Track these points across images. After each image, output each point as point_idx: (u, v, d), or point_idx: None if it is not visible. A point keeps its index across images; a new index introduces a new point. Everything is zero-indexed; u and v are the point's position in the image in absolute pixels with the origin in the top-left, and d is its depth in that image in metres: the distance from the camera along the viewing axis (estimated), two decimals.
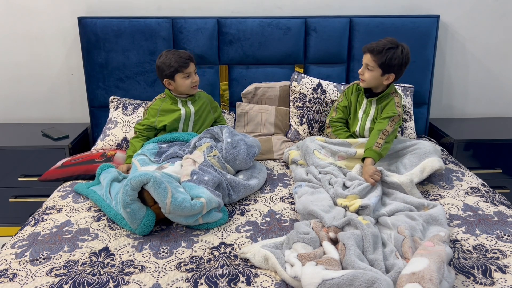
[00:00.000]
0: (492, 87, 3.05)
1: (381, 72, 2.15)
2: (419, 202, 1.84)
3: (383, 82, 2.20)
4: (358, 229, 1.59)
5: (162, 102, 2.36)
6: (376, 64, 2.14)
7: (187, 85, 2.27)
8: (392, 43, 2.13)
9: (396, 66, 2.13)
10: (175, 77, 2.25)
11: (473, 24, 2.90)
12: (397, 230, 1.64)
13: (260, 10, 2.83)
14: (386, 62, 2.11)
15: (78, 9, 2.78)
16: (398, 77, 2.21)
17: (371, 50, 2.14)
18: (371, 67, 2.15)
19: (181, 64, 2.22)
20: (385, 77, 2.18)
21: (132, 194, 1.69)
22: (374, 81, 2.19)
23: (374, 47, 2.13)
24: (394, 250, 1.54)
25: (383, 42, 2.14)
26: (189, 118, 2.35)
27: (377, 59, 2.13)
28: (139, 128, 2.35)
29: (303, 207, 1.80)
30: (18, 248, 1.64)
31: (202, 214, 1.75)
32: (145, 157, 2.14)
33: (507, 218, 1.82)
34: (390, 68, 2.14)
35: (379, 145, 2.10)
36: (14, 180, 2.58)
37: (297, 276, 1.40)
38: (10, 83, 2.92)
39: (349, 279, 1.32)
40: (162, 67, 2.25)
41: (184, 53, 2.27)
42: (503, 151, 2.65)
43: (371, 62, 2.14)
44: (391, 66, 2.13)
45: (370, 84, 2.22)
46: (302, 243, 1.55)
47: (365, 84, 2.23)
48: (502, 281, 1.44)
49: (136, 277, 1.48)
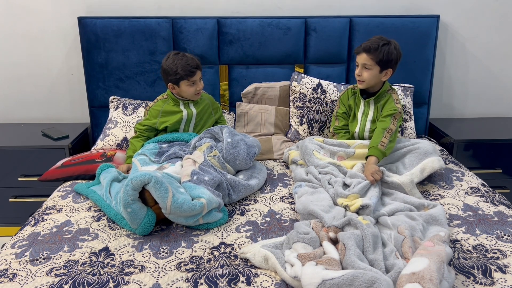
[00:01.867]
0: (492, 87, 3.05)
1: (379, 69, 2.17)
2: (419, 202, 1.84)
3: (381, 79, 2.21)
4: (358, 229, 1.59)
5: (164, 103, 2.34)
6: (374, 62, 2.15)
7: (191, 92, 2.26)
8: (384, 40, 2.16)
9: (393, 61, 2.17)
10: (180, 83, 2.24)
11: (473, 24, 2.90)
12: (397, 230, 1.64)
13: (260, 10, 2.83)
14: (384, 58, 2.14)
15: (78, 9, 2.78)
16: (393, 72, 2.22)
17: (367, 49, 2.15)
18: (369, 66, 2.16)
19: (187, 73, 2.20)
20: (383, 74, 2.19)
21: (133, 194, 1.69)
22: (373, 79, 2.20)
23: (370, 45, 2.14)
24: (394, 250, 1.54)
25: (375, 40, 2.16)
26: (191, 120, 2.35)
27: (374, 57, 2.14)
28: (139, 128, 2.34)
29: (303, 207, 1.80)
30: (18, 248, 1.64)
31: (203, 214, 1.75)
32: (146, 157, 2.14)
33: (507, 218, 1.82)
34: (387, 64, 2.16)
35: (383, 144, 2.11)
36: (14, 180, 2.58)
37: (297, 276, 1.40)
38: (10, 83, 2.92)
39: (349, 279, 1.32)
40: (168, 71, 2.22)
41: (192, 60, 2.23)
42: (503, 151, 2.65)
43: (369, 61, 2.15)
44: (388, 62, 2.15)
45: (369, 83, 2.22)
46: (302, 243, 1.55)
47: (365, 85, 2.23)
48: (502, 281, 1.44)
49: (136, 277, 1.48)
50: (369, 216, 1.75)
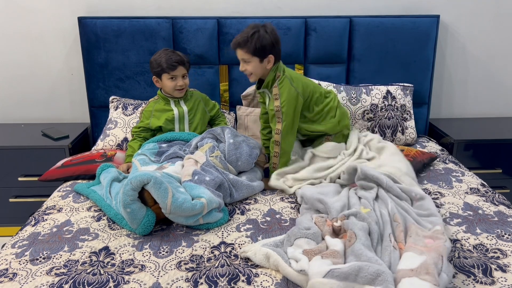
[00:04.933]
0: (492, 87, 3.05)
1: (258, 59, 2.10)
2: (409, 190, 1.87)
3: (266, 67, 2.13)
4: (365, 222, 1.62)
5: (155, 103, 2.40)
6: (250, 54, 2.08)
7: (171, 86, 2.31)
8: (254, 27, 2.09)
9: (268, 46, 2.07)
10: (161, 76, 2.31)
11: (473, 24, 2.90)
12: (393, 218, 1.68)
13: (260, 10, 2.83)
14: (257, 47, 2.06)
15: (78, 9, 2.79)
16: (278, 57, 2.14)
17: (238, 44, 2.10)
18: (248, 59, 2.10)
19: (169, 66, 2.26)
20: (265, 62, 2.11)
21: (132, 194, 1.69)
22: (258, 70, 2.13)
23: (239, 40, 2.09)
24: (390, 232, 1.59)
25: (245, 31, 2.10)
26: (183, 118, 2.37)
27: (248, 50, 2.08)
28: (135, 131, 2.39)
29: (310, 194, 1.84)
30: (18, 248, 1.64)
31: (203, 214, 1.75)
32: (145, 157, 2.14)
33: (507, 218, 1.82)
34: (264, 51, 2.07)
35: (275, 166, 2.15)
36: (14, 180, 2.58)
37: (304, 270, 1.40)
38: (10, 83, 2.92)
39: (355, 269, 1.34)
40: (152, 64, 2.33)
41: (177, 55, 2.29)
42: (503, 151, 2.65)
43: (245, 55, 2.09)
44: (263, 49, 2.06)
45: (257, 74, 2.15)
46: (306, 239, 1.56)
47: (254, 77, 2.17)
48: (502, 280, 1.44)
49: (136, 277, 1.48)
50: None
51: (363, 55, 2.78)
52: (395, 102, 2.63)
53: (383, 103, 2.61)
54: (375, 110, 2.60)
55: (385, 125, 2.60)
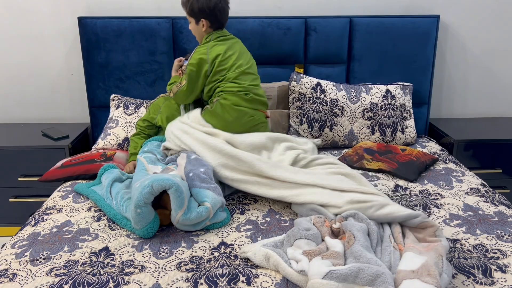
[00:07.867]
0: (492, 87, 3.05)
1: (194, 21, 2.23)
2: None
3: (202, 31, 2.24)
4: (364, 222, 1.62)
5: (166, 100, 2.39)
6: (188, 14, 2.23)
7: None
8: None
9: (200, 10, 2.17)
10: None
11: (473, 24, 2.90)
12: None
13: (260, 10, 2.83)
14: (190, 9, 2.19)
15: (78, 9, 2.79)
16: (214, 25, 2.22)
17: (181, 3, 2.24)
18: (189, 20, 2.25)
19: None
20: (200, 26, 2.22)
21: (149, 197, 1.66)
22: (197, 33, 2.27)
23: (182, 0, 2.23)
24: (389, 233, 1.60)
25: None
26: None
27: (185, 9, 2.22)
28: (140, 125, 2.37)
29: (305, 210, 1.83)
30: (18, 248, 1.64)
31: (209, 218, 1.76)
32: (153, 155, 2.12)
33: (507, 218, 1.82)
34: (197, 15, 2.20)
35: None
36: (14, 180, 2.58)
37: (304, 270, 1.40)
38: (10, 83, 2.92)
39: (355, 271, 1.34)
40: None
41: None
42: (503, 151, 2.65)
43: (186, 15, 2.24)
44: (195, 13, 2.19)
45: (197, 36, 2.29)
46: (306, 240, 1.56)
47: (197, 39, 2.30)
48: (502, 281, 1.44)
49: (136, 277, 1.48)
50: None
51: (363, 55, 2.78)
52: (394, 101, 2.63)
53: (382, 102, 2.61)
54: (374, 109, 2.60)
55: (385, 124, 2.61)
